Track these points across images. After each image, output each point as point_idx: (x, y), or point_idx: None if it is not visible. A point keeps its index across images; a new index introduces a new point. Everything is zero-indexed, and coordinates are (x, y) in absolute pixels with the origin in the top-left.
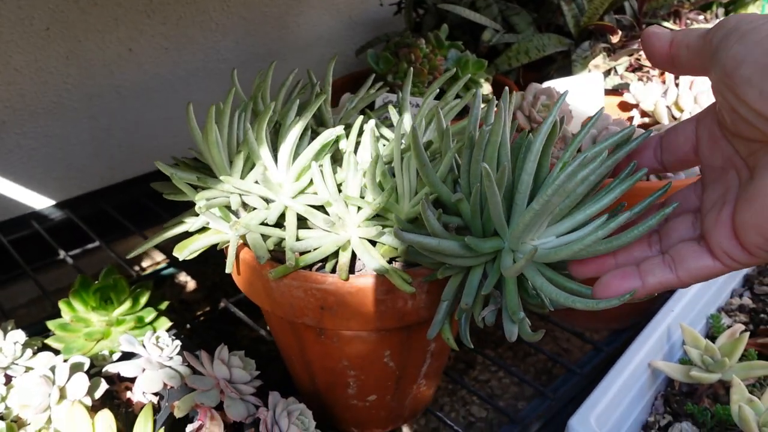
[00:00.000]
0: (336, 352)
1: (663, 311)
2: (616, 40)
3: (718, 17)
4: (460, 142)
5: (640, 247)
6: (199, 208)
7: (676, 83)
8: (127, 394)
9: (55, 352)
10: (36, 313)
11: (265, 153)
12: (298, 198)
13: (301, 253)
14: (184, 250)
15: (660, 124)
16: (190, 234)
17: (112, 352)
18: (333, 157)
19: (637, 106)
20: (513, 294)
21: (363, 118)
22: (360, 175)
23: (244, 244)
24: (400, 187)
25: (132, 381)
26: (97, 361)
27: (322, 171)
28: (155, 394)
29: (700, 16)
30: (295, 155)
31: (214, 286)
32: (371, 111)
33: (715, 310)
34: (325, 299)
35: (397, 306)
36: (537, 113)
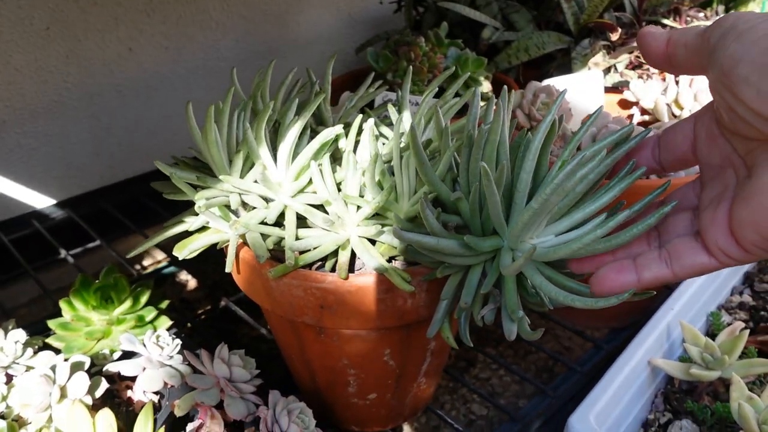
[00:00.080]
0: (336, 350)
1: (663, 309)
2: (615, 37)
3: (718, 14)
4: (460, 141)
5: (639, 244)
6: (198, 207)
7: (676, 81)
8: (128, 393)
9: (56, 351)
10: (37, 312)
11: (264, 152)
12: (298, 197)
13: (301, 252)
14: (184, 250)
15: (660, 121)
16: (190, 233)
17: (113, 351)
18: (332, 156)
19: (637, 103)
20: (512, 292)
21: (362, 116)
22: (359, 174)
23: (243, 244)
24: (400, 186)
25: (132, 380)
26: (97, 360)
27: (321, 170)
28: (156, 393)
29: (700, 14)
30: (295, 154)
31: (215, 284)
32: (371, 109)
33: (716, 307)
34: (324, 298)
35: (396, 305)
36: (536, 111)
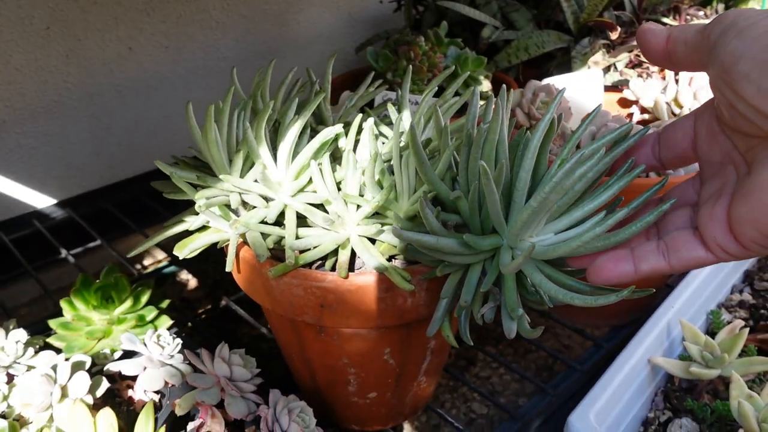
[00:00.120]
0: (336, 349)
1: (663, 307)
2: (615, 36)
3: (718, 12)
4: (459, 140)
5: (638, 241)
6: (199, 206)
7: (676, 79)
8: (129, 393)
9: (57, 351)
10: (38, 311)
11: (264, 152)
12: (298, 196)
13: (301, 251)
14: (184, 249)
15: (660, 120)
16: (190, 233)
17: (114, 351)
18: (332, 155)
19: (636, 102)
20: (512, 291)
21: (362, 116)
22: (359, 174)
23: (243, 243)
24: (399, 185)
25: (133, 379)
26: (98, 360)
27: (321, 169)
28: (156, 393)
29: (699, 12)
30: (295, 154)
31: (215, 284)
32: (370, 109)
33: (715, 306)
34: (324, 297)
35: (396, 303)
36: (536, 110)
